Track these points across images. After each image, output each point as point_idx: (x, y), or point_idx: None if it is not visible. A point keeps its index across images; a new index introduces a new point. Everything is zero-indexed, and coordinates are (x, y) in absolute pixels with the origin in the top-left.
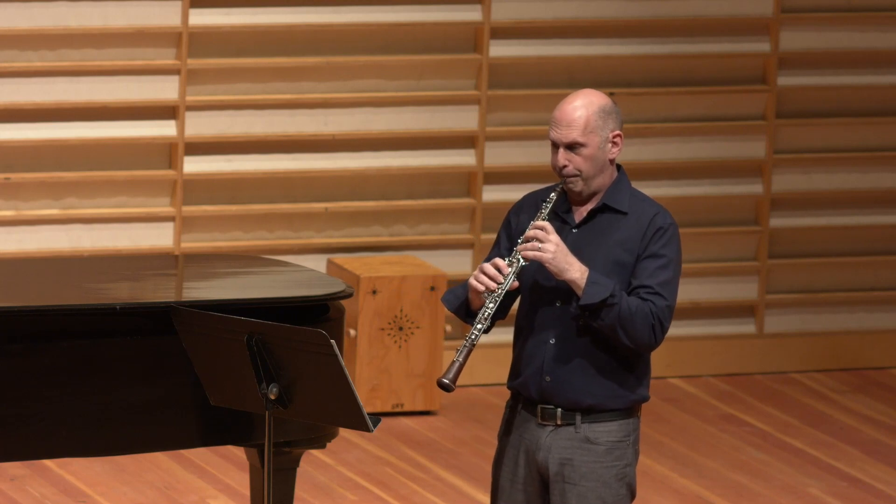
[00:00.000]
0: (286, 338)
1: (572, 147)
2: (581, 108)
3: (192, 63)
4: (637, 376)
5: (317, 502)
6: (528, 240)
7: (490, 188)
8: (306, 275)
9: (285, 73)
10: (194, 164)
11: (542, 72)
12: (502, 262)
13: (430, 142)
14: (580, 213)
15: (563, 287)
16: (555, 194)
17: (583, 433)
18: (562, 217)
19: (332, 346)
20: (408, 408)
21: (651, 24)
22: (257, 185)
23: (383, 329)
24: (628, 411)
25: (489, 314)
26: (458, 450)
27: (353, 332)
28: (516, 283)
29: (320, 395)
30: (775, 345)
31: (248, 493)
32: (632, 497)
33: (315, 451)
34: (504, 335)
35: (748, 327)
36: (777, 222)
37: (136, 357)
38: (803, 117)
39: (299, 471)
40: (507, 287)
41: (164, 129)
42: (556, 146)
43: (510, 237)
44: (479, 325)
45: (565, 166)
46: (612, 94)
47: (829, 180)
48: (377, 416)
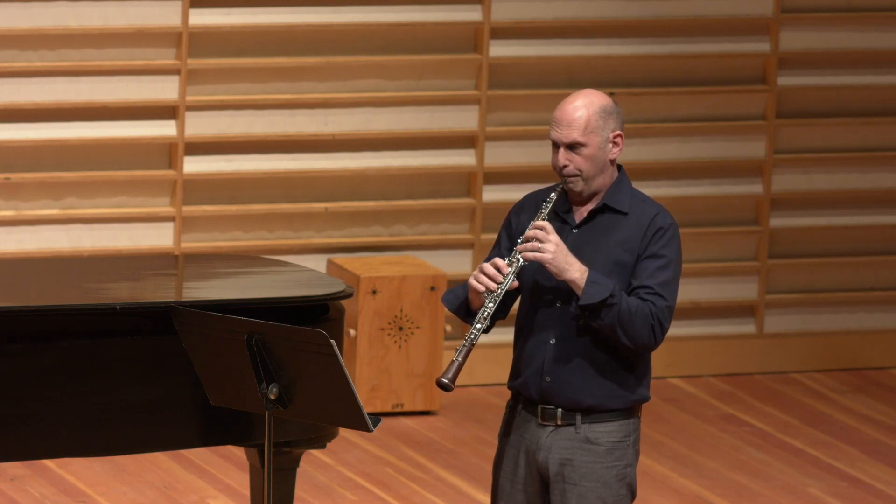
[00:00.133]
0: (286, 338)
1: (573, 147)
2: (582, 107)
3: (192, 63)
4: (637, 376)
5: (317, 502)
6: (528, 240)
7: (490, 188)
8: (306, 275)
9: (285, 73)
10: (194, 164)
11: (542, 72)
12: (502, 261)
13: (430, 142)
14: (580, 213)
15: (563, 287)
16: (555, 194)
17: (583, 433)
18: (562, 217)
19: (332, 346)
20: (408, 408)
21: (651, 24)
22: (257, 185)
23: (383, 329)
24: (628, 411)
25: (488, 314)
26: (458, 450)
27: (353, 332)
28: (516, 283)
29: (320, 395)
30: (775, 345)
31: (248, 493)
32: (632, 497)
33: (315, 451)
34: (504, 335)
35: (748, 327)
36: (777, 222)
37: (136, 357)
38: (803, 117)
39: (299, 471)
40: (506, 287)
41: (164, 129)
42: (556, 146)
43: (511, 237)
44: (478, 325)
45: (566, 166)
46: (612, 94)
47: (829, 180)
48: (377, 416)
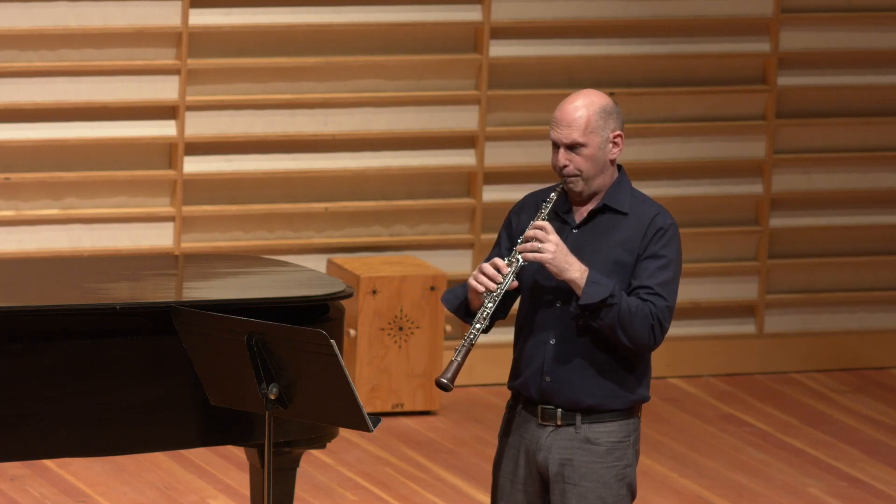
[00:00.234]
0: (286, 338)
1: (573, 147)
2: (582, 108)
3: (192, 63)
4: (637, 376)
5: (317, 502)
6: (528, 240)
7: (490, 188)
8: (306, 275)
9: (285, 73)
10: (194, 164)
11: (542, 72)
12: (501, 262)
13: (430, 142)
14: (580, 213)
15: (563, 287)
16: (555, 194)
17: (583, 433)
18: (562, 217)
19: (332, 346)
20: (408, 408)
21: (651, 24)
22: (257, 185)
23: (383, 329)
24: (628, 412)
25: (488, 314)
26: (458, 450)
27: (353, 332)
28: (515, 283)
29: (320, 395)
30: (775, 345)
31: (248, 493)
32: (632, 497)
33: (315, 451)
34: (504, 335)
35: (748, 327)
36: (777, 222)
37: (136, 357)
38: (803, 117)
39: (299, 471)
40: (505, 287)
41: (164, 129)
42: (556, 146)
43: (511, 237)
44: (477, 325)
45: (566, 166)
46: (612, 94)
47: (829, 180)
48: (377, 416)
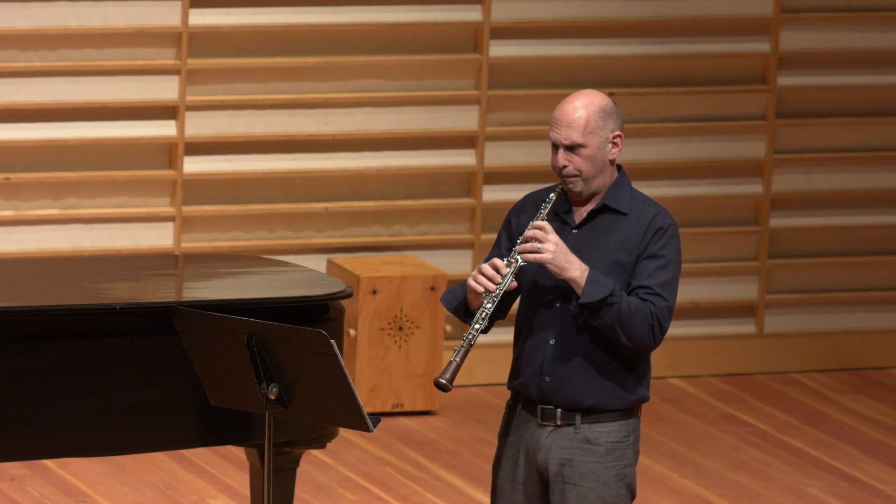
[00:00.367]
0: (286, 338)
1: (572, 148)
2: (581, 108)
3: (192, 63)
4: (637, 376)
5: (317, 502)
6: (527, 240)
7: (490, 188)
8: (306, 275)
9: (285, 73)
10: (194, 164)
11: (542, 72)
12: (500, 262)
13: (430, 142)
14: (580, 213)
15: (563, 287)
16: (554, 194)
17: (582, 433)
18: (562, 217)
19: (332, 346)
20: (408, 408)
21: (651, 24)
22: (257, 185)
23: (383, 329)
24: (628, 412)
25: (486, 314)
26: (458, 450)
27: (353, 332)
28: (515, 284)
29: (320, 395)
30: (775, 345)
31: (248, 493)
32: (632, 497)
33: (315, 451)
34: (504, 335)
35: (748, 327)
36: (777, 222)
37: (136, 357)
38: (803, 117)
39: (299, 471)
40: (504, 288)
41: (164, 129)
42: (555, 147)
43: (510, 237)
44: (476, 326)
45: (565, 167)
46: (612, 94)
47: (829, 180)
48: (377, 416)
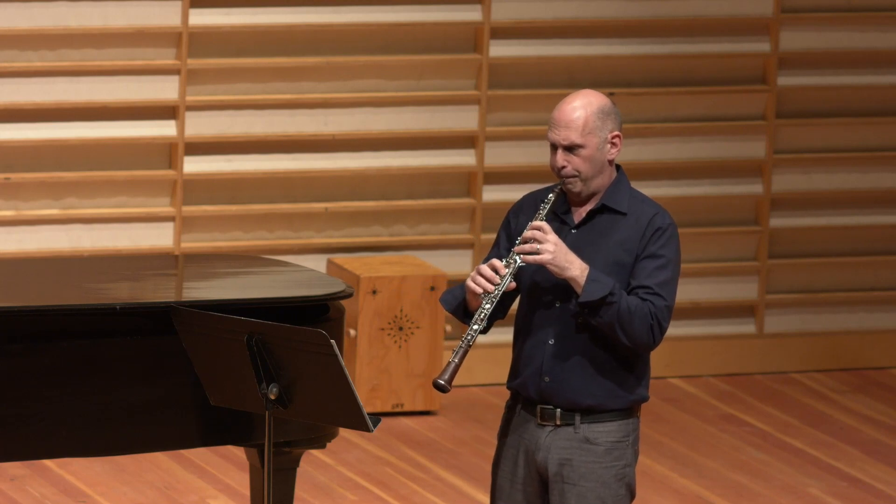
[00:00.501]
0: (286, 338)
1: (571, 148)
2: (580, 108)
3: (192, 63)
4: (636, 376)
5: (317, 502)
6: (526, 240)
7: (490, 188)
8: (306, 275)
9: (285, 73)
10: (194, 164)
11: (542, 72)
12: (499, 263)
13: (430, 142)
14: (579, 213)
15: (562, 287)
16: (553, 195)
17: (582, 433)
18: (561, 217)
19: (332, 346)
20: (408, 408)
21: (651, 24)
22: (257, 185)
23: (383, 329)
24: (628, 411)
25: (485, 315)
26: (458, 450)
27: (353, 332)
28: (513, 285)
29: (320, 395)
30: (775, 345)
31: (248, 493)
32: (631, 497)
33: (315, 451)
34: (504, 335)
35: (748, 327)
36: (777, 222)
37: (136, 357)
38: (803, 117)
39: (299, 471)
40: (503, 288)
41: (164, 129)
42: (554, 147)
43: (510, 237)
44: (475, 326)
45: (564, 167)
46: (612, 94)
47: (829, 180)
48: (377, 416)
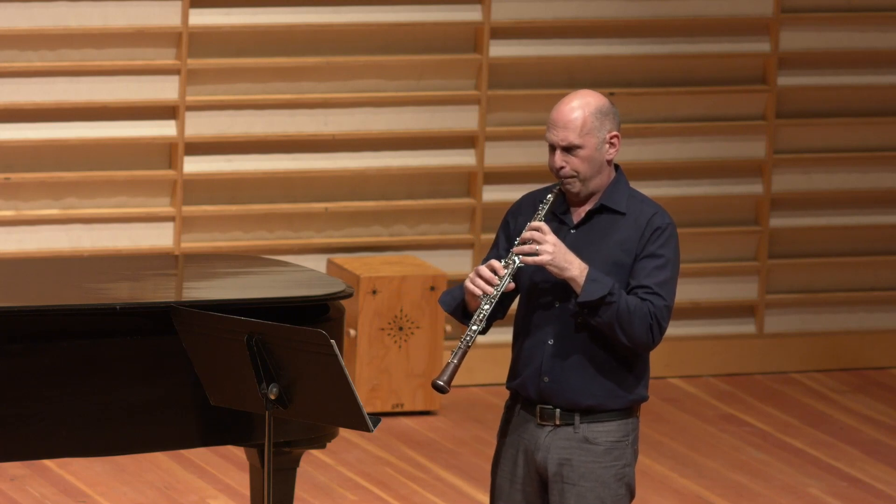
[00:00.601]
0: (286, 338)
1: (569, 149)
2: (577, 109)
3: (192, 63)
4: (636, 376)
5: (317, 502)
6: (525, 241)
7: (490, 188)
8: (306, 275)
9: (285, 73)
10: (194, 164)
11: (542, 72)
12: (498, 264)
13: (430, 142)
14: (578, 213)
15: (561, 287)
16: (552, 195)
17: (581, 433)
18: (560, 217)
19: (332, 346)
20: (408, 408)
21: (651, 24)
22: (257, 185)
23: (383, 329)
24: (627, 411)
25: (484, 316)
26: (458, 450)
27: (353, 332)
28: (512, 285)
29: (320, 395)
30: (775, 345)
31: (248, 493)
32: (631, 497)
33: (315, 451)
34: (504, 335)
35: (748, 327)
36: (777, 222)
37: (136, 357)
38: (803, 117)
39: (299, 471)
40: (502, 289)
41: (164, 129)
42: (552, 148)
43: (508, 238)
44: (474, 327)
45: (562, 168)
46: (611, 94)
47: (829, 180)
48: (377, 416)
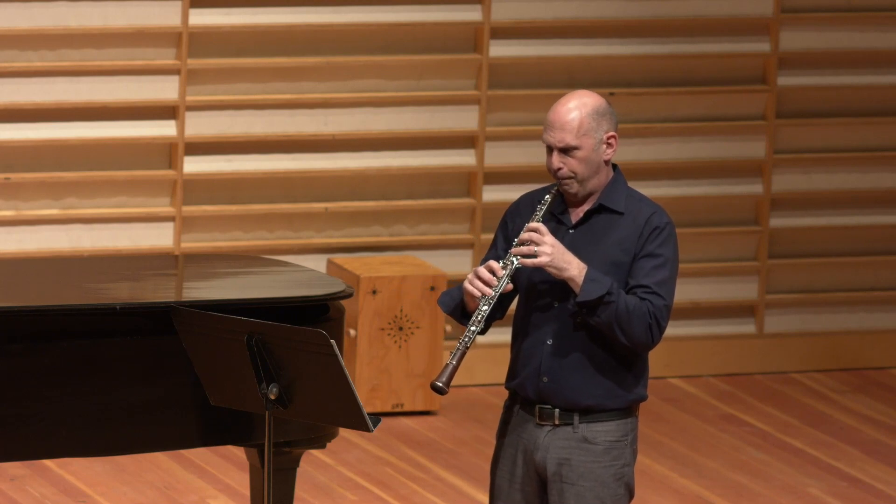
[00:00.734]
0: (286, 338)
1: (566, 150)
2: (574, 110)
3: (192, 63)
4: (635, 376)
5: (317, 502)
6: (523, 242)
7: (490, 188)
8: (306, 275)
9: (285, 73)
10: (194, 164)
11: (542, 72)
12: (496, 264)
13: (430, 142)
14: (576, 213)
15: (560, 287)
16: (550, 196)
17: (580, 433)
18: (558, 218)
19: (332, 346)
20: (408, 408)
21: (651, 24)
22: (257, 185)
23: (383, 329)
24: (626, 411)
25: (483, 316)
26: (458, 450)
27: (353, 332)
28: (511, 286)
29: (320, 395)
30: (775, 345)
31: (248, 493)
32: (630, 497)
33: (315, 451)
34: (504, 335)
35: (748, 327)
36: (777, 222)
37: (136, 357)
38: (803, 117)
39: (299, 471)
40: (500, 290)
41: (164, 129)
42: (550, 149)
43: (507, 239)
44: (472, 328)
45: (560, 169)
46: (611, 94)
47: (829, 180)
48: (377, 416)
